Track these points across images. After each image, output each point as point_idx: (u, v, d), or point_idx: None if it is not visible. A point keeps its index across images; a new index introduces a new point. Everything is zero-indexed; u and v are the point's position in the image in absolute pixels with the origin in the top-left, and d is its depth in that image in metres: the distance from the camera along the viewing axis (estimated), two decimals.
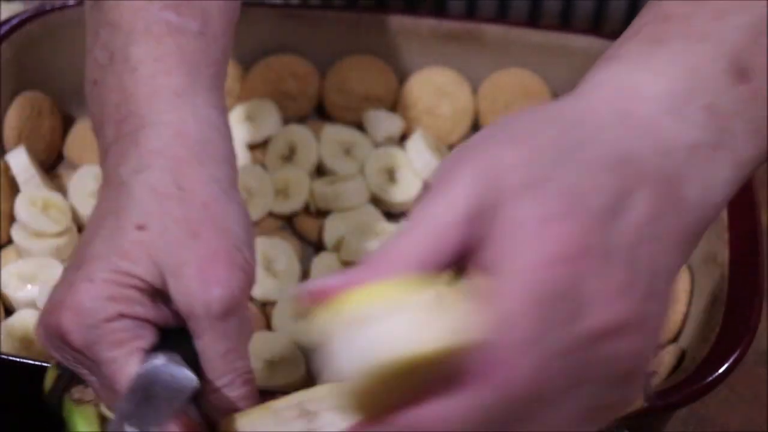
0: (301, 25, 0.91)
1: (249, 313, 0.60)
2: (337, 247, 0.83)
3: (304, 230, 0.87)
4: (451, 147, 0.92)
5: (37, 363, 0.65)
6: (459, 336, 0.42)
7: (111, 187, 0.61)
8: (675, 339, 0.77)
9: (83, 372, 0.59)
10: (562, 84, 0.92)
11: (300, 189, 0.87)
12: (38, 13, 0.89)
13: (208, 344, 0.58)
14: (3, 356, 0.68)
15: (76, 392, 0.60)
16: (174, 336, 0.59)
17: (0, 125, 0.87)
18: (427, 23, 0.91)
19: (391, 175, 0.88)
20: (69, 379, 0.60)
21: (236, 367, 0.58)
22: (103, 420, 0.59)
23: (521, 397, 0.43)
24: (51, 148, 0.90)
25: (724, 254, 0.75)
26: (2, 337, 0.75)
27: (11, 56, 0.87)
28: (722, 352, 0.69)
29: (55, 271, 0.80)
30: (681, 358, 0.74)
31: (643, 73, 0.50)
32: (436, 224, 0.45)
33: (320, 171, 0.89)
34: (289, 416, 0.57)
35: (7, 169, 0.84)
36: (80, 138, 0.91)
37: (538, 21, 0.96)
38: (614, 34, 0.90)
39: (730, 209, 0.77)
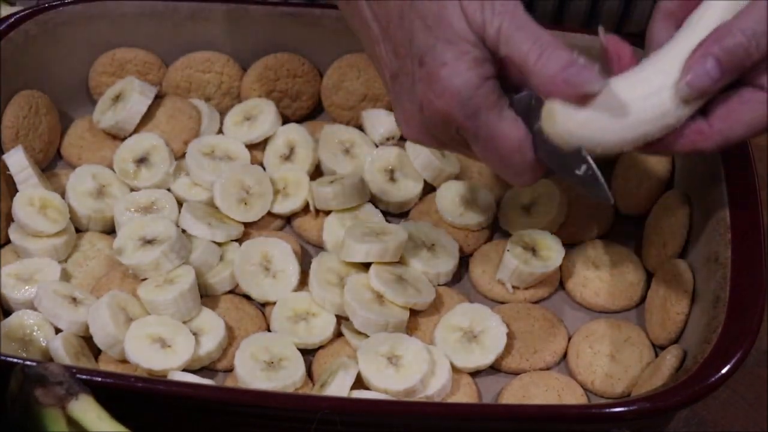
0: (300, 25, 0.91)
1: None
2: (337, 247, 0.82)
3: (304, 230, 0.86)
4: None
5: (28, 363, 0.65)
6: None
7: None
8: (677, 340, 0.77)
9: (458, 148, 0.72)
10: None
11: (299, 189, 0.86)
12: (36, 12, 0.88)
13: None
14: (2, 357, 0.68)
15: (41, 394, 0.60)
16: None
17: None
18: None
19: (391, 175, 0.88)
20: (34, 381, 0.60)
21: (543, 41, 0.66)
22: (69, 420, 0.59)
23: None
24: (48, 147, 0.89)
25: (725, 254, 0.75)
26: (1, 337, 0.75)
27: (8, 55, 0.86)
28: (724, 353, 0.69)
29: (53, 271, 0.80)
30: (682, 358, 0.74)
31: None
32: None
33: (319, 171, 0.89)
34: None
35: (5, 168, 0.84)
36: (78, 137, 0.91)
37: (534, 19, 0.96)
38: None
39: (732, 210, 0.77)
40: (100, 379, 0.67)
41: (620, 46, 0.69)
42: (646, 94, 0.66)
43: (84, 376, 0.66)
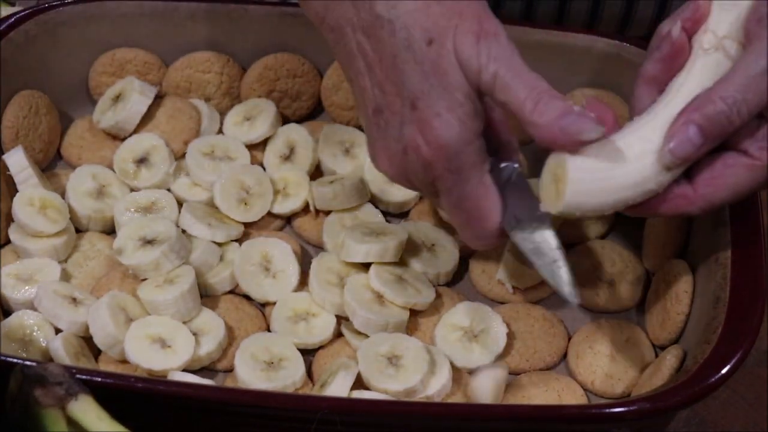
0: (300, 25, 0.91)
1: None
2: (337, 247, 0.82)
3: (304, 230, 0.86)
4: None
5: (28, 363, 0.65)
6: None
7: (371, 32, 0.69)
8: (677, 340, 0.77)
9: (427, 194, 0.72)
10: (561, 81, 0.91)
11: (299, 189, 0.86)
12: (36, 12, 0.88)
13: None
14: (2, 357, 0.68)
15: (41, 395, 0.60)
16: None
17: None
18: None
19: None
20: (34, 381, 0.60)
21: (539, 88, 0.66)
22: (69, 421, 0.59)
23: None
24: (48, 147, 0.89)
25: (725, 255, 0.75)
26: (1, 337, 0.75)
27: (8, 55, 0.86)
28: (724, 353, 0.69)
29: (53, 271, 0.80)
30: (683, 358, 0.74)
31: None
32: None
33: (320, 171, 0.89)
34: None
35: (5, 168, 0.84)
36: (78, 137, 0.91)
37: (533, 20, 0.96)
38: (609, 33, 0.91)
39: (732, 210, 0.77)
40: (100, 379, 0.67)
41: (603, 111, 0.70)
42: (627, 160, 0.67)
43: (84, 377, 0.66)
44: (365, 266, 0.81)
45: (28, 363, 0.63)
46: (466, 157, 0.68)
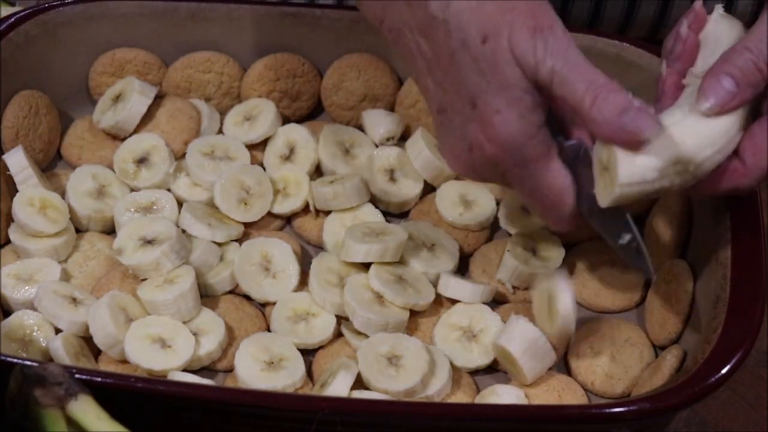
0: (300, 25, 0.91)
1: None
2: (337, 247, 0.82)
3: (304, 230, 0.86)
4: None
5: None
6: None
7: (427, 33, 0.70)
8: (677, 340, 0.77)
9: (503, 184, 0.74)
10: None
11: (299, 189, 0.86)
12: (36, 12, 0.88)
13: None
14: (2, 357, 0.68)
15: (41, 395, 0.60)
16: None
17: None
18: None
19: (391, 175, 0.88)
20: (34, 381, 0.60)
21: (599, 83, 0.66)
22: (68, 421, 0.59)
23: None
24: (48, 147, 0.89)
25: (725, 254, 0.75)
26: (1, 337, 0.75)
27: (8, 55, 0.86)
28: (724, 353, 0.69)
29: (53, 271, 0.80)
30: (683, 358, 0.74)
31: None
32: None
33: (320, 171, 0.89)
34: None
35: (5, 168, 0.84)
36: (78, 137, 0.91)
37: None
38: (610, 33, 0.91)
39: (732, 210, 0.77)
40: (99, 379, 0.67)
41: (676, 82, 0.71)
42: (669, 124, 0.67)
43: (84, 377, 0.66)
44: (365, 266, 0.81)
45: (28, 363, 0.63)
46: (530, 150, 0.68)
